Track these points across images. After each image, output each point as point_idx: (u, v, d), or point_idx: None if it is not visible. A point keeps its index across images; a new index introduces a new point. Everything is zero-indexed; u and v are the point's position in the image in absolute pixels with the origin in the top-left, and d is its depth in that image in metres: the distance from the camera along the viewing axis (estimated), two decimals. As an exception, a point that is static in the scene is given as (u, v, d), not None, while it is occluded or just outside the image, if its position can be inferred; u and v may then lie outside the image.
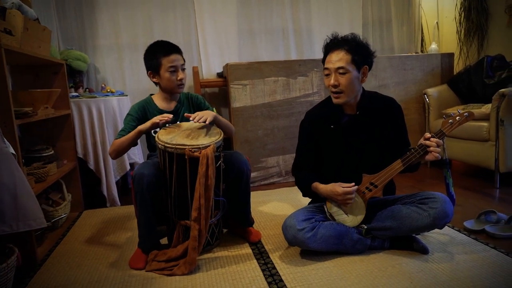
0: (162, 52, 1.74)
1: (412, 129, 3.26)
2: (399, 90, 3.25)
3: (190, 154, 1.50)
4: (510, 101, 2.42)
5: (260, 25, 3.38)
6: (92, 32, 3.05)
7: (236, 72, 2.86)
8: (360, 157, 1.68)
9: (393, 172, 1.59)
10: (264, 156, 2.98)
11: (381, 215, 1.63)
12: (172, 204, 1.67)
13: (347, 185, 1.56)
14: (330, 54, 1.62)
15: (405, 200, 1.65)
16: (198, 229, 1.52)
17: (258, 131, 2.94)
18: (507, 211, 2.06)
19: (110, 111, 2.58)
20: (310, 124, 1.76)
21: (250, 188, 1.82)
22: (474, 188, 2.57)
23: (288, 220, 1.60)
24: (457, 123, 1.57)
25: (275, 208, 2.35)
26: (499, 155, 2.49)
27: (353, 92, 1.62)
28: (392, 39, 3.76)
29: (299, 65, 2.97)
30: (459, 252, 1.61)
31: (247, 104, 2.90)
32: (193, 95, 1.94)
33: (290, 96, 2.97)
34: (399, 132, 1.73)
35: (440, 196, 1.53)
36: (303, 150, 1.78)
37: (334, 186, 1.57)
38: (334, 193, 1.56)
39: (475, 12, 3.39)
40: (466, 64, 3.42)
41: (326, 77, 1.64)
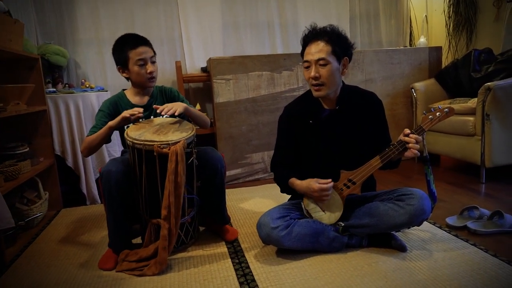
0: (129, 45, 1.67)
1: (400, 123, 3.23)
2: (386, 85, 3.21)
3: (159, 150, 1.44)
4: (496, 95, 2.38)
5: (245, 19, 3.32)
6: (72, 26, 2.97)
7: (219, 66, 2.80)
8: (339, 153, 1.63)
9: (372, 168, 1.55)
10: (248, 152, 2.93)
11: (359, 212, 1.59)
12: (143, 202, 1.61)
13: (323, 181, 1.51)
14: (309, 46, 1.56)
15: (383, 196, 1.60)
16: (168, 228, 1.47)
17: (242, 127, 2.89)
18: (492, 207, 2.03)
19: (88, 107, 2.51)
20: (289, 119, 1.71)
21: (225, 185, 1.77)
22: (460, 183, 2.54)
23: (262, 218, 1.55)
24: (437, 119, 1.52)
25: (257, 205, 2.30)
26: (485, 150, 2.46)
27: (334, 85, 1.58)
28: (380, 33, 3.71)
29: (284, 59, 2.91)
30: (438, 249, 1.58)
31: (230, 99, 2.84)
32: (167, 88, 1.88)
33: (275, 91, 2.92)
34: (380, 128, 1.69)
35: (417, 193, 1.49)
36: (281, 146, 1.73)
37: (310, 182, 1.52)
38: (310, 189, 1.52)
39: (464, 5, 3.34)
40: (455, 57, 3.37)
41: (306, 70, 1.58)
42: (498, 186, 2.44)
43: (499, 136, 2.44)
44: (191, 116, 1.72)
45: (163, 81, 3.13)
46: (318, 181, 1.51)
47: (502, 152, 2.46)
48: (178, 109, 1.59)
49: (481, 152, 2.47)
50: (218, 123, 2.85)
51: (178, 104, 1.62)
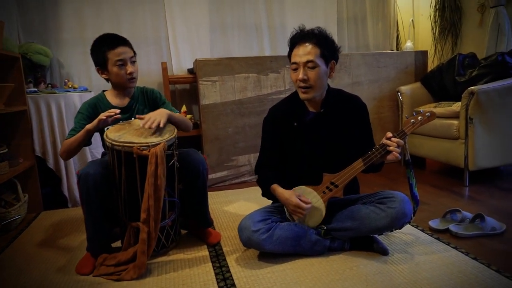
0: (107, 45, 1.64)
1: (386, 127, 3.24)
2: (373, 88, 3.22)
3: (138, 152, 1.42)
4: (479, 99, 2.40)
5: (233, 20, 3.30)
6: (55, 26, 2.92)
7: (205, 68, 2.78)
8: (323, 156, 1.63)
9: (354, 171, 1.54)
10: (235, 155, 2.91)
11: (341, 215, 1.58)
12: (123, 205, 1.58)
13: (305, 199, 1.50)
14: (297, 48, 1.55)
15: (365, 199, 1.60)
16: (148, 232, 1.44)
17: (229, 129, 2.87)
18: (475, 210, 2.05)
19: (71, 108, 2.46)
20: (273, 121, 1.70)
21: (208, 187, 1.75)
22: (444, 186, 2.56)
23: (243, 221, 1.53)
24: (419, 123, 1.53)
25: (241, 208, 2.28)
26: (469, 153, 2.48)
27: (321, 88, 1.57)
28: (367, 36, 3.73)
29: (271, 62, 2.91)
30: (419, 252, 1.58)
31: (217, 101, 2.82)
32: (149, 89, 1.85)
33: (262, 93, 2.91)
34: (364, 132, 1.68)
35: (399, 196, 1.49)
36: (266, 148, 1.72)
37: (291, 195, 1.51)
38: (288, 202, 1.52)
39: (449, 10, 3.38)
40: (440, 62, 3.41)
41: (294, 72, 1.57)
42: (481, 189, 2.46)
43: (482, 140, 2.46)
44: (174, 121, 1.69)
45: (148, 82, 3.10)
46: (300, 197, 1.50)
47: (485, 155, 2.49)
48: (162, 121, 1.54)
49: (465, 155, 2.49)
50: (204, 125, 2.82)
51: (161, 114, 1.58)
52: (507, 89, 2.46)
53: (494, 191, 2.41)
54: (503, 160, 2.57)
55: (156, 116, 1.55)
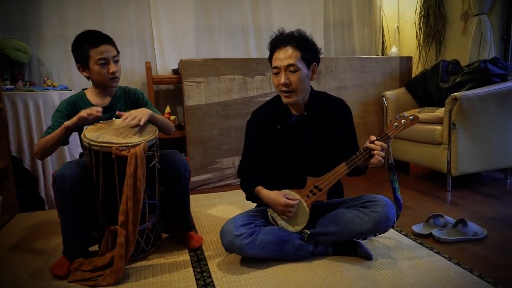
0: (90, 43, 1.58)
1: (371, 131, 3.25)
2: (359, 92, 3.23)
3: (117, 153, 1.37)
4: (462, 105, 2.43)
5: (219, 22, 3.27)
6: (35, 22, 2.83)
7: (190, 68, 2.74)
8: (306, 159, 1.61)
9: (338, 175, 1.53)
10: (219, 157, 2.87)
11: (325, 220, 1.56)
12: (101, 207, 1.52)
13: (291, 196, 1.48)
14: (277, 51, 1.53)
15: (349, 203, 1.58)
16: (125, 235, 1.39)
17: (213, 131, 2.83)
18: (457, 214, 2.06)
19: (49, 107, 2.38)
20: (257, 124, 1.67)
21: (190, 190, 1.70)
22: (427, 191, 2.57)
23: (225, 225, 1.50)
24: (402, 126, 1.52)
25: (224, 211, 2.24)
26: (451, 159, 2.50)
27: (304, 91, 1.55)
28: (353, 41, 3.76)
29: (257, 64, 2.88)
30: (403, 257, 1.57)
31: (201, 102, 2.78)
32: (131, 89, 1.80)
33: (247, 95, 2.88)
34: (348, 135, 1.67)
35: (382, 200, 1.48)
36: (249, 151, 1.69)
37: (278, 196, 1.49)
38: (276, 202, 1.49)
39: (434, 17, 3.43)
40: (424, 68, 3.45)
41: (275, 76, 1.55)
42: (463, 194, 2.49)
43: (465, 145, 2.49)
44: (155, 123, 1.64)
45: (132, 82, 3.04)
46: (286, 196, 1.47)
47: (468, 160, 2.52)
48: (143, 118, 1.51)
49: (448, 160, 2.52)
50: (188, 127, 2.78)
51: (143, 112, 1.54)
52: (489, 96, 2.50)
53: (475, 196, 2.44)
54: (484, 166, 2.61)
55: (138, 113, 1.51)
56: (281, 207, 1.48)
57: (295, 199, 1.48)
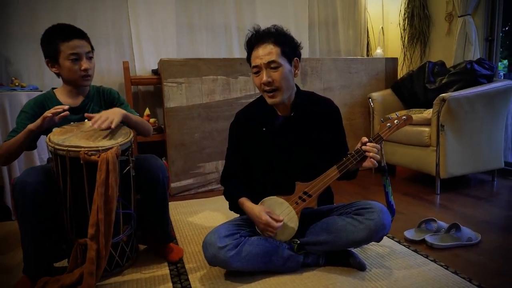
0: (61, 36, 1.44)
1: (357, 133, 3.19)
2: (345, 94, 3.17)
3: (86, 158, 1.22)
4: (450, 106, 2.38)
5: (200, 21, 3.15)
6: (3, 18, 2.64)
7: (170, 68, 2.60)
8: (294, 163, 1.50)
9: (329, 180, 1.43)
10: (201, 161, 2.73)
11: (315, 228, 1.46)
12: (69, 218, 1.37)
13: (275, 217, 1.37)
14: (256, 49, 1.43)
15: (341, 210, 1.49)
16: (96, 249, 1.25)
17: (195, 134, 2.70)
18: (447, 218, 2.01)
19: (17, 108, 2.18)
20: (240, 126, 1.56)
21: (169, 197, 1.57)
22: (416, 195, 2.51)
23: (208, 237, 1.37)
24: (395, 127, 1.44)
25: (207, 219, 2.11)
26: (440, 161, 2.45)
27: (288, 89, 1.45)
28: (338, 42, 3.70)
29: (240, 64, 2.77)
30: (398, 266, 1.48)
31: (182, 104, 2.65)
32: (106, 89, 1.66)
33: (230, 97, 2.76)
34: (337, 136, 1.58)
35: (377, 206, 1.39)
36: (233, 156, 1.58)
37: (261, 212, 1.39)
38: (257, 219, 1.39)
39: (418, 18, 3.40)
40: (409, 69, 3.42)
41: (256, 76, 1.45)
42: (452, 197, 2.44)
43: (453, 147, 2.45)
44: (131, 124, 1.51)
45: (108, 82, 2.88)
46: (270, 215, 1.37)
47: (456, 162, 2.47)
48: (114, 120, 1.36)
49: (436, 162, 2.46)
50: (168, 130, 2.63)
51: (115, 113, 1.40)
52: (476, 97, 2.46)
53: (464, 199, 2.39)
54: (473, 168, 2.57)
55: (109, 115, 1.37)
56: (263, 225, 1.39)
57: (279, 220, 1.38)
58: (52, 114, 1.32)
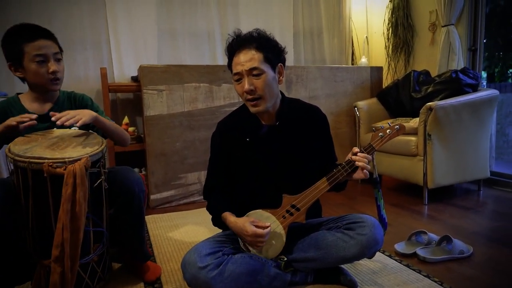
0: (25, 36, 1.32)
1: (343, 143, 3.14)
2: (330, 102, 3.12)
3: (51, 170, 1.10)
4: (437, 115, 2.35)
5: (183, 27, 3.05)
6: (-31, 20, 2.49)
7: (150, 75, 2.49)
8: (281, 175, 1.41)
9: (318, 192, 1.34)
10: (183, 172, 2.62)
11: (303, 244, 1.36)
12: (31, 238, 1.24)
13: (261, 225, 1.27)
14: (237, 55, 1.34)
15: (331, 224, 1.40)
16: (61, 273, 1.12)
17: (176, 143, 2.58)
18: (436, 229, 1.96)
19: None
20: (223, 137, 1.47)
21: (145, 212, 1.45)
22: (403, 205, 2.46)
23: (187, 256, 1.26)
24: (388, 137, 1.37)
25: (188, 234, 1.99)
26: (427, 170, 2.41)
27: (272, 97, 1.37)
28: (323, 51, 3.67)
29: (224, 71, 2.69)
30: (391, 283, 1.40)
31: (163, 112, 2.53)
32: (78, 95, 1.54)
33: (214, 105, 2.67)
34: (325, 146, 1.50)
35: (369, 220, 1.30)
36: (215, 168, 1.48)
37: (245, 225, 1.27)
38: (243, 233, 1.27)
39: (402, 28, 3.41)
40: (394, 78, 3.41)
41: (238, 83, 1.36)
42: (440, 207, 2.39)
43: (441, 156, 2.41)
44: (104, 129, 1.39)
45: (85, 90, 2.73)
46: (255, 223, 1.26)
47: (444, 172, 2.43)
48: (83, 118, 1.25)
49: (424, 172, 2.42)
50: (148, 139, 2.51)
51: (84, 113, 1.28)
52: (463, 106, 2.44)
53: (452, 209, 2.35)
54: (459, 178, 2.54)
55: (77, 113, 1.25)
56: (250, 237, 1.26)
57: (265, 226, 1.27)
58: (17, 122, 1.20)
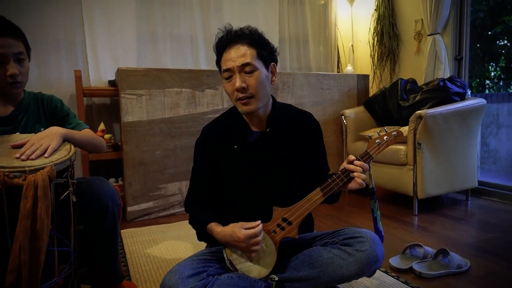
0: None
1: (330, 152, 3.06)
2: (317, 110, 3.04)
3: (7, 181, 0.94)
4: (427, 123, 2.30)
5: (165, 30, 2.92)
6: None
7: (129, 79, 2.34)
8: (271, 185, 1.29)
9: (311, 204, 1.22)
10: (163, 182, 2.46)
11: (296, 261, 1.24)
12: (-16, 260, 1.07)
13: (249, 225, 1.13)
14: (227, 51, 1.23)
15: (326, 239, 1.28)
16: (17, 302, 0.95)
17: (156, 152, 2.43)
18: (428, 241, 1.89)
19: None
20: (208, 143, 1.33)
21: (119, 229, 1.30)
22: (393, 216, 2.38)
23: (167, 278, 1.11)
24: (385, 144, 1.28)
25: (168, 250, 1.83)
26: (417, 180, 2.34)
27: (265, 97, 1.25)
28: (309, 58, 3.60)
29: (208, 76, 2.57)
30: (389, 303, 1.29)
31: (142, 118, 2.38)
32: (46, 96, 1.38)
33: (196, 112, 2.54)
34: (318, 155, 1.40)
35: (368, 235, 1.20)
36: (198, 177, 1.34)
37: (234, 230, 1.13)
38: (234, 239, 1.13)
39: (387, 37, 3.39)
40: (379, 87, 3.38)
41: (227, 81, 1.24)
42: (430, 217, 2.33)
43: (430, 166, 2.35)
44: (76, 145, 1.24)
45: (58, 93, 2.52)
46: (245, 226, 1.13)
47: (433, 182, 2.37)
48: (51, 144, 1.09)
49: (414, 182, 2.35)
50: (125, 147, 2.35)
51: (50, 136, 1.11)
52: (452, 114, 2.40)
53: (443, 220, 2.29)
54: (449, 187, 2.49)
55: (41, 140, 1.09)
56: (243, 243, 1.11)
57: (256, 224, 1.14)
58: None
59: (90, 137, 1.30)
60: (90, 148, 1.29)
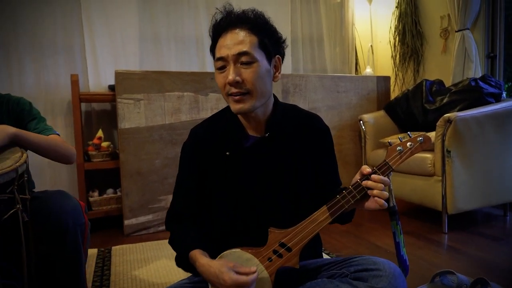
0: None
1: (347, 160, 2.80)
2: (332, 115, 2.80)
3: None
4: (457, 128, 2.02)
5: (168, 31, 2.77)
6: None
7: (126, 82, 2.19)
8: (268, 202, 1.06)
9: (316, 226, 0.99)
10: (163, 193, 2.27)
11: (297, 297, 1.01)
12: None
13: (243, 270, 0.90)
14: (223, 37, 1.01)
15: (334, 270, 1.04)
16: None
17: (156, 161, 2.25)
18: (461, 265, 1.63)
19: None
20: (195, 148, 1.13)
21: (83, 252, 1.10)
22: (420, 234, 2.10)
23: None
24: (409, 152, 1.02)
25: (160, 271, 1.63)
26: (447, 193, 2.05)
27: (263, 95, 1.03)
28: (324, 60, 3.37)
29: (212, 79, 2.38)
30: None
31: (140, 124, 2.21)
32: (14, 98, 1.23)
33: (199, 117, 2.35)
34: (328, 165, 1.16)
35: (386, 267, 0.95)
36: (183, 189, 1.13)
37: (222, 271, 0.89)
38: (219, 283, 0.90)
39: (410, 36, 3.12)
40: (402, 89, 3.10)
41: (220, 72, 1.02)
42: (463, 237, 2.03)
43: (462, 177, 2.06)
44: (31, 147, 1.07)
45: (56, 98, 2.46)
46: (236, 269, 0.90)
47: (466, 195, 2.08)
48: None
49: (443, 195, 2.06)
50: (122, 155, 2.18)
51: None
52: (486, 118, 2.11)
53: (478, 239, 1.99)
54: (484, 201, 2.18)
55: None
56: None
57: (251, 271, 0.91)
58: None
59: (52, 143, 1.12)
60: (52, 155, 1.12)
